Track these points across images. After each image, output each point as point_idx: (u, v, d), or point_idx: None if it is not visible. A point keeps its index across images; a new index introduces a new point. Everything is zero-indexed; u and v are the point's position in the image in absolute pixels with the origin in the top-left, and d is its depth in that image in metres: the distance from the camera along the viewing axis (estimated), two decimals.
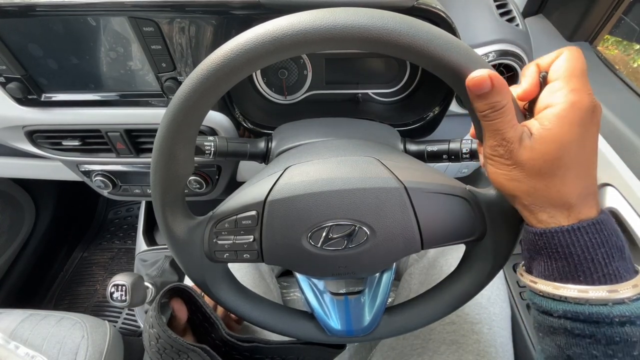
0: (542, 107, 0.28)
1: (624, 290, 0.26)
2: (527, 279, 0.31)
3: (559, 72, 0.28)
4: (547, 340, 0.30)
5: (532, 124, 0.28)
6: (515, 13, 0.58)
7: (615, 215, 0.45)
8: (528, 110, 0.31)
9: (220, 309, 0.55)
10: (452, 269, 0.41)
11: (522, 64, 0.55)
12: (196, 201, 0.75)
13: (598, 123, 0.28)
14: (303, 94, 0.63)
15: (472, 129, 0.33)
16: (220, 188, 0.73)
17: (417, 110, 0.60)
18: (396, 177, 0.35)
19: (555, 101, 0.27)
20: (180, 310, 0.44)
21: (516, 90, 0.30)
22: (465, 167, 0.76)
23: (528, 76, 0.30)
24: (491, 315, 0.58)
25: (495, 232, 0.35)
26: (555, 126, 0.26)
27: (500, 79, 0.27)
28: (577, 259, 0.27)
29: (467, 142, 0.48)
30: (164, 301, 0.42)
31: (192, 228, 0.38)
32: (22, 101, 0.55)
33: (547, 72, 0.29)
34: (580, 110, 0.26)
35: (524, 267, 0.33)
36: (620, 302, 0.26)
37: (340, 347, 0.47)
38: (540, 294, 0.30)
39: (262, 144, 0.52)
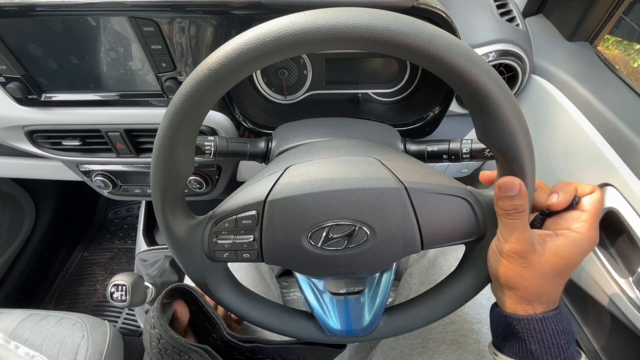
0: (564, 225, 0.34)
1: None
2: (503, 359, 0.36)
3: (589, 207, 0.34)
4: None
5: (548, 235, 0.34)
6: (515, 13, 0.59)
7: (615, 215, 0.45)
8: (539, 215, 0.36)
9: (220, 309, 0.55)
10: (452, 269, 0.41)
11: (522, 63, 0.55)
12: (196, 201, 0.75)
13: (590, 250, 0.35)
14: (303, 94, 0.63)
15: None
16: (220, 188, 0.73)
17: (417, 110, 0.60)
18: (396, 177, 0.35)
19: (579, 230, 0.33)
20: (183, 311, 0.44)
21: (552, 198, 0.35)
22: (465, 167, 0.76)
23: (567, 193, 0.34)
24: None
25: (495, 233, 0.35)
26: (570, 247, 0.33)
27: (525, 189, 0.32)
28: (547, 342, 0.33)
29: (467, 142, 0.48)
30: (165, 302, 0.42)
31: (192, 228, 0.38)
32: (22, 101, 0.55)
33: (580, 199, 0.34)
34: (590, 244, 0.33)
35: (494, 346, 0.38)
36: None
37: (341, 347, 0.47)
38: None
39: (262, 144, 0.52)
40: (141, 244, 1.10)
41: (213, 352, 0.40)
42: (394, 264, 0.42)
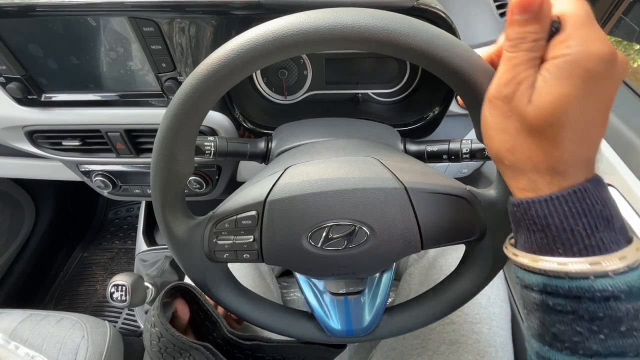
0: (547, 59, 0.24)
1: (608, 262, 0.24)
2: (510, 252, 0.29)
3: (573, 21, 0.23)
4: (532, 318, 0.29)
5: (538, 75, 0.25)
6: None
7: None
8: None
9: (220, 309, 0.55)
10: (452, 269, 0.41)
11: None
12: (196, 201, 0.75)
13: (616, 77, 0.23)
14: (303, 94, 0.63)
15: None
16: (220, 188, 0.73)
17: (417, 110, 0.60)
18: (396, 177, 0.35)
19: (559, 53, 0.23)
20: (183, 310, 0.44)
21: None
22: (465, 167, 0.76)
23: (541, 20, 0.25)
24: (491, 315, 0.58)
25: (495, 232, 0.35)
26: (553, 79, 0.23)
27: (547, 6, 0.23)
28: (555, 230, 0.25)
29: (467, 142, 0.48)
30: (166, 300, 0.42)
31: (192, 228, 0.38)
32: (22, 101, 0.55)
33: (559, 23, 0.24)
34: (587, 61, 0.22)
35: (511, 241, 0.31)
36: (604, 275, 0.24)
37: (341, 347, 0.47)
38: (522, 267, 0.28)
39: (262, 144, 0.52)
40: (141, 244, 1.10)
41: (214, 349, 0.41)
42: (394, 264, 0.42)
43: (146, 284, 0.75)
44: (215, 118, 0.57)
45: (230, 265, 0.42)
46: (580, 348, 0.25)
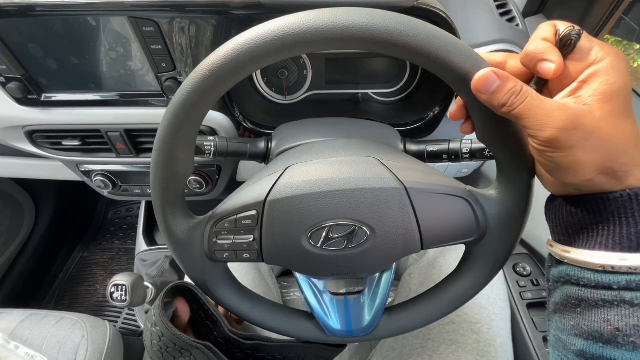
0: (580, 69, 0.26)
1: None
2: (579, 254, 0.28)
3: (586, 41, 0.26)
4: (588, 315, 0.28)
5: (575, 88, 0.26)
6: (515, 13, 0.59)
7: None
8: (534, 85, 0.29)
9: (221, 309, 0.55)
10: (452, 269, 0.41)
11: None
12: (196, 201, 0.75)
13: None
14: (303, 94, 0.63)
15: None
16: (220, 188, 0.73)
17: (417, 110, 0.60)
18: (396, 177, 0.35)
19: (599, 57, 0.25)
20: (183, 309, 0.44)
21: (541, 66, 0.26)
22: (465, 167, 0.76)
23: (550, 49, 0.26)
24: (491, 315, 0.58)
25: (495, 233, 0.35)
26: (611, 78, 0.25)
27: (503, 72, 0.26)
28: None
29: (467, 142, 0.48)
30: (167, 300, 0.42)
31: (192, 228, 0.38)
32: (22, 101, 0.55)
33: (579, 30, 0.25)
34: (622, 57, 0.25)
35: (560, 244, 0.30)
36: None
37: (341, 346, 0.47)
38: (599, 268, 0.27)
39: (262, 144, 0.52)
40: (141, 244, 1.11)
41: (214, 348, 0.41)
42: (394, 264, 0.42)
43: (146, 283, 0.75)
44: (215, 118, 0.57)
45: (230, 265, 0.42)
46: None
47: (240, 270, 0.67)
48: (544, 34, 0.27)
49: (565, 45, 0.26)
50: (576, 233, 0.29)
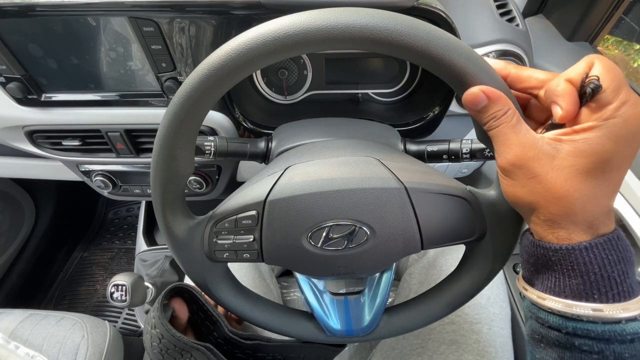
0: (585, 119, 0.25)
1: (636, 306, 0.25)
2: (534, 294, 0.29)
3: (610, 94, 0.25)
4: (549, 352, 0.29)
5: (565, 132, 0.26)
6: (515, 13, 0.59)
7: (615, 215, 0.45)
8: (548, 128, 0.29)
9: (220, 309, 0.55)
10: (452, 269, 0.41)
11: (522, 64, 0.55)
12: (196, 201, 0.75)
13: None
14: (303, 94, 0.63)
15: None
16: (220, 188, 0.73)
17: (417, 110, 0.60)
18: (396, 177, 0.35)
19: (606, 115, 0.24)
20: (181, 310, 0.44)
21: (554, 111, 0.27)
22: (465, 167, 0.76)
23: (566, 95, 0.26)
24: (491, 315, 0.58)
25: (495, 233, 0.35)
26: (599, 140, 0.24)
27: (494, 91, 0.27)
28: (594, 277, 0.26)
29: (467, 142, 0.48)
30: (165, 302, 0.42)
31: (192, 228, 0.38)
32: (22, 101, 0.55)
33: (599, 83, 0.25)
34: (632, 125, 0.24)
35: (524, 279, 0.31)
36: (633, 319, 0.25)
37: (341, 346, 0.47)
38: (549, 310, 0.28)
39: (262, 144, 0.52)
40: (141, 244, 1.11)
41: (215, 349, 0.41)
42: (394, 264, 0.42)
43: (146, 284, 0.76)
44: (215, 118, 0.57)
45: (230, 265, 0.42)
46: None
47: (240, 270, 0.67)
48: (572, 75, 0.26)
49: (584, 94, 0.26)
50: (535, 272, 0.30)
